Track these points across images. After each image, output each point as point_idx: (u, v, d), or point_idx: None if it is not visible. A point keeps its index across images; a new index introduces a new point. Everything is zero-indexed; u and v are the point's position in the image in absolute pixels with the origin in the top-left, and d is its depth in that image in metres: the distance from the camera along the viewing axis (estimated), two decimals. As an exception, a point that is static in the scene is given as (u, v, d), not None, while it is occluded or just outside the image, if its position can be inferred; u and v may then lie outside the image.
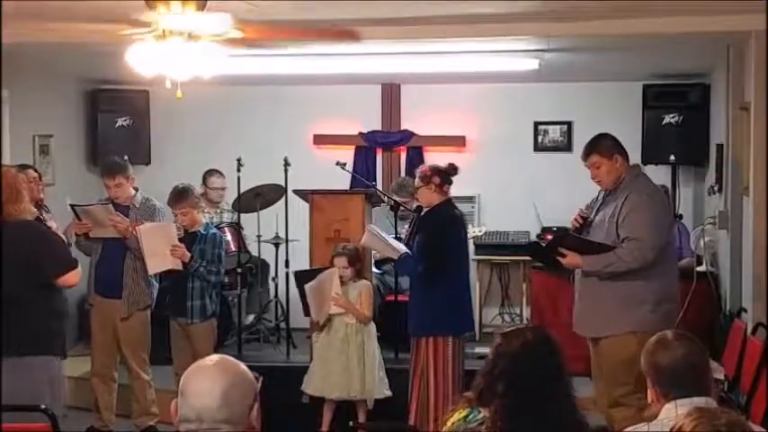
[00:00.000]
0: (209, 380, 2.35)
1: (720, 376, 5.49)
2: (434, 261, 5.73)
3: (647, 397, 3.09)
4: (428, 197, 5.83)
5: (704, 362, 3.00)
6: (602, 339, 5.10)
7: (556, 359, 2.90)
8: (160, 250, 6.01)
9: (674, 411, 2.83)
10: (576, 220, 5.29)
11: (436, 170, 5.85)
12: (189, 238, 6.16)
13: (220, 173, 8.10)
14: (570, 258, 5.11)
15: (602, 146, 5.15)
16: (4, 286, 4.65)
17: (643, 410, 3.25)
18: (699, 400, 2.82)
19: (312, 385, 6.14)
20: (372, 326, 6.19)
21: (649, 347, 3.04)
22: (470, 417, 2.88)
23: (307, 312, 6.26)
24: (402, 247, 5.97)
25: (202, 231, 6.19)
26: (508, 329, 3.03)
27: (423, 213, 5.94)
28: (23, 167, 6.34)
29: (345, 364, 6.03)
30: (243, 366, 2.42)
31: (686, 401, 2.84)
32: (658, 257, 4.97)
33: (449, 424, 2.94)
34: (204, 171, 8.18)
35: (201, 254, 6.11)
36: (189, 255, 6.04)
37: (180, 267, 6.06)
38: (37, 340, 4.75)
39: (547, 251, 5.42)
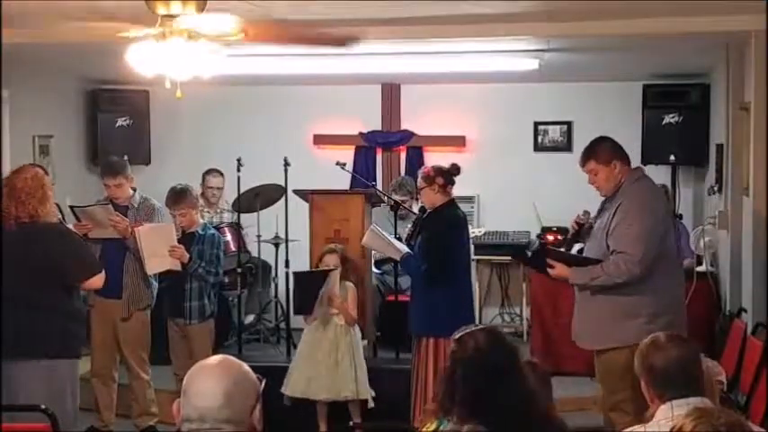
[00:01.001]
0: (212, 379, 2.35)
1: (722, 378, 5.46)
2: (437, 261, 5.73)
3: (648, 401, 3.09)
4: (431, 198, 5.82)
5: (697, 362, 3.00)
6: (600, 351, 5.06)
7: (510, 357, 2.89)
8: (159, 251, 6.00)
9: (670, 412, 2.83)
10: (572, 226, 5.25)
11: (439, 171, 5.83)
12: (187, 238, 6.15)
13: (219, 172, 8.10)
14: (558, 270, 5.01)
15: (600, 152, 4.96)
16: (33, 288, 4.67)
17: (640, 415, 3.25)
18: (694, 400, 2.83)
19: (293, 386, 6.05)
20: (357, 327, 6.19)
21: (643, 349, 3.04)
22: (440, 428, 2.88)
23: (297, 311, 6.26)
24: (404, 247, 5.97)
25: (200, 232, 6.19)
26: (460, 334, 3.01)
27: (426, 214, 5.94)
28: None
29: (334, 366, 6.00)
30: (246, 367, 2.43)
31: (682, 402, 2.84)
32: (653, 270, 4.81)
33: None
34: (203, 171, 8.19)
35: (200, 254, 6.10)
36: (188, 255, 6.04)
37: (179, 268, 6.06)
38: (62, 343, 4.77)
39: (535, 261, 5.39)
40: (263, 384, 2.44)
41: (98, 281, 4.95)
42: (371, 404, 6.07)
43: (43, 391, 4.58)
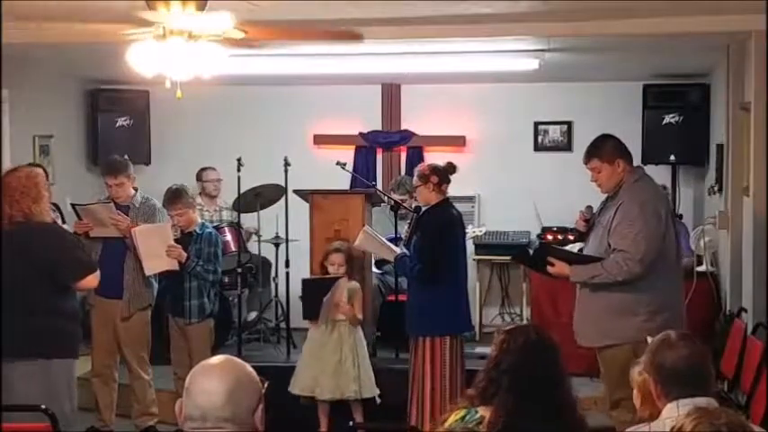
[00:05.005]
0: (215, 378, 2.36)
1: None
2: (431, 261, 5.73)
3: (637, 402, 3.11)
4: (426, 196, 5.85)
5: (707, 362, 3.00)
6: (601, 348, 5.07)
7: (558, 358, 2.91)
8: (156, 251, 6.00)
9: (676, 411, 2.83)
10: (580, 224, 5.24)
11: (434, 169, 5.85)
12: (185, 238, 6.16)
13: (213, 168, 8.14)
14: (558, 268, 5.03)
15: (604, 150, 4.98)
16: (27, 288, 4.65)
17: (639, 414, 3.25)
18: (701, 401, 2.82)
19: (300, 384, 6.09)
20: (359, 327, 6.19)
21: (653, 347, 3.04)
22: (468, 417, 2.88)
23: (305, 316, 6.26)
24: (397, 249, 5.99)
25: (198, 231, 6.19)
26: (510, 326, 3.05)
27: (421, 213, 5.95)
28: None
29: (338, 365, 6.01)
30: (249, 368, 2.43)
31: (688, 401, 2.84)
32: (651, 268, 4.82)
33: (446, 425, 2.94)
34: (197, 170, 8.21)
35: (198, 253, 6.11)
36: (185, 255, 6.04)
37: (176, 268, 6.06)
38: (57, 342, 4.75)
39: (534, 260, 5.39)
40: (266, 386, 2.44)
41: (93, 280, 4.91)
42: (378, 401, 6.07)
43: (39, 392, 4.56)
